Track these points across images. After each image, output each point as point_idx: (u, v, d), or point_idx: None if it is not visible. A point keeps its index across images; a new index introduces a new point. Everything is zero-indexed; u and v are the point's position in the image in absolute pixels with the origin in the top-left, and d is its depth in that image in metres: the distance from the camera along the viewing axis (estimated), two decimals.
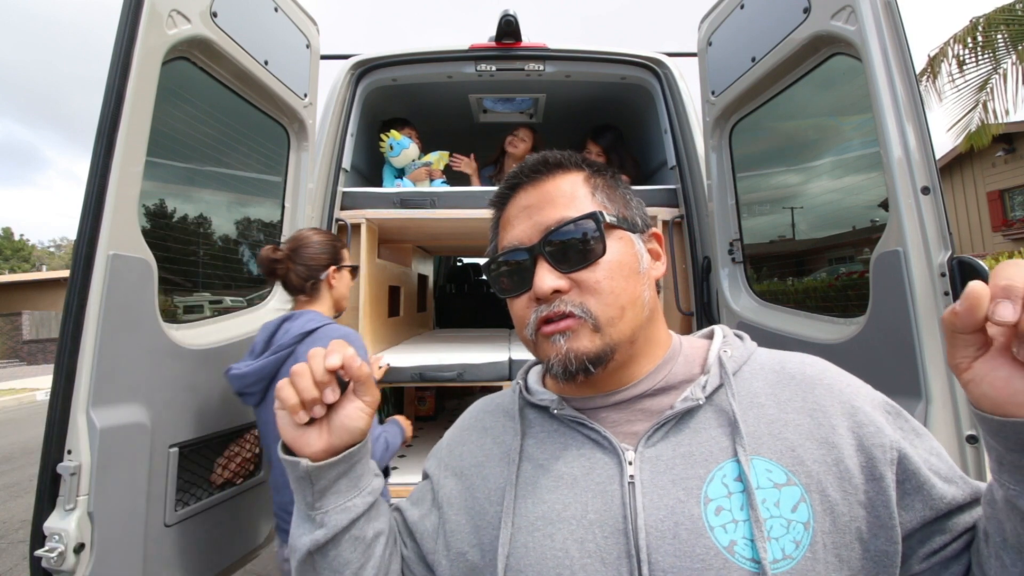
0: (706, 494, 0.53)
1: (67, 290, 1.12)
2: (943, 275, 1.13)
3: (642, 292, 0.61)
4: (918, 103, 1.20)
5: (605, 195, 0.63)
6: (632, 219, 0.64)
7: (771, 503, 0.51)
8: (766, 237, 1.91)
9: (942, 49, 7.49)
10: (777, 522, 0.50)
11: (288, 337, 1.37)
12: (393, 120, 2.89)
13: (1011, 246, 12.59)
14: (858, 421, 0.54)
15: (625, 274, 0.60)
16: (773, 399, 0.57)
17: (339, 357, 0.53)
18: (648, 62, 2.45)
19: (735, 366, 0.61)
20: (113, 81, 1.15)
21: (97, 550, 1.10)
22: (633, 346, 0.60)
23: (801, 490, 0.52)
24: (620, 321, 0.58)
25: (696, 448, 0.56)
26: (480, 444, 0.68)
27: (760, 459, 0.53)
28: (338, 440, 0.56)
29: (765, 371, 0.60)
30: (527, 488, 0.60)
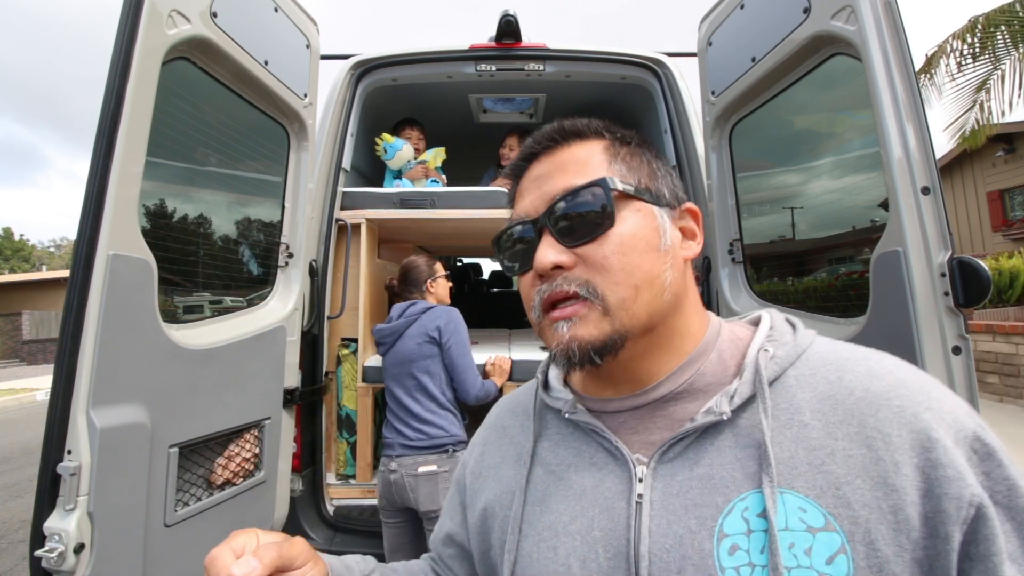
0: (722, 528, 0.45)
1: (67, 290, 1.12)
2: (943, 275, 1.13)
3: (662, 271, 0.51)
4: (918, 103, 1.20)
5: (625, 164, 0.55)
6: (657, 190, 0.55)
7: (800, 550, 0.42)
8: (766, 237, 1.91)
9: (941, 47, 7.49)
10: (805, 574, 0.41)
11: (416, 310, 2.03)
12: (402, 121, 2.91)
13: (1011, 246, 12.59)
14: (932, 460, 0.42)
15: (641, 249, 0.51)
16: (820, 419, 0.46)
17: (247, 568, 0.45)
18: (648, 62, 2.45)
19: (776, 370, 0.49)
20: (113, 81, 1.15)
21: (97, 550, 1.10)
22: (650, 336, 0.52)
23: (842, 538, 0.41)
24: (633, 303, 0.50)
25: (717, 470, 0.47)
26: (499, 446, 0.65)
27: (793, 494, 0.43)
28: None
29: (816, 379, 0.48)
30: (536, 494, 0.57)
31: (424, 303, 2.08)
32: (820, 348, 0.51)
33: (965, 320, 1.13)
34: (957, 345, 1.12)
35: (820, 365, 0.49)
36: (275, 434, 1.75)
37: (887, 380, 0.46)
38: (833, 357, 0.49)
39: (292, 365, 1.87)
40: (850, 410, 0.45)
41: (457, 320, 2.03)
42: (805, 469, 0.44)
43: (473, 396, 1.98)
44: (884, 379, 0.46)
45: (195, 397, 1.42)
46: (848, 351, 0.50)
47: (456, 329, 2.00)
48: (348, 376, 2.24)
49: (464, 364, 1.98)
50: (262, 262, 1.91)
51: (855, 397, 0.46)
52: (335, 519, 2.06)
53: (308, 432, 2.09)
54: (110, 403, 1.14)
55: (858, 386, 0.46)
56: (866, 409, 0.45)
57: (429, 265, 2.18)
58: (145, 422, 1.23)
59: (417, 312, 2.03)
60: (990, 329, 5.79)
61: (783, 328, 0.54)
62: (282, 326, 1.82)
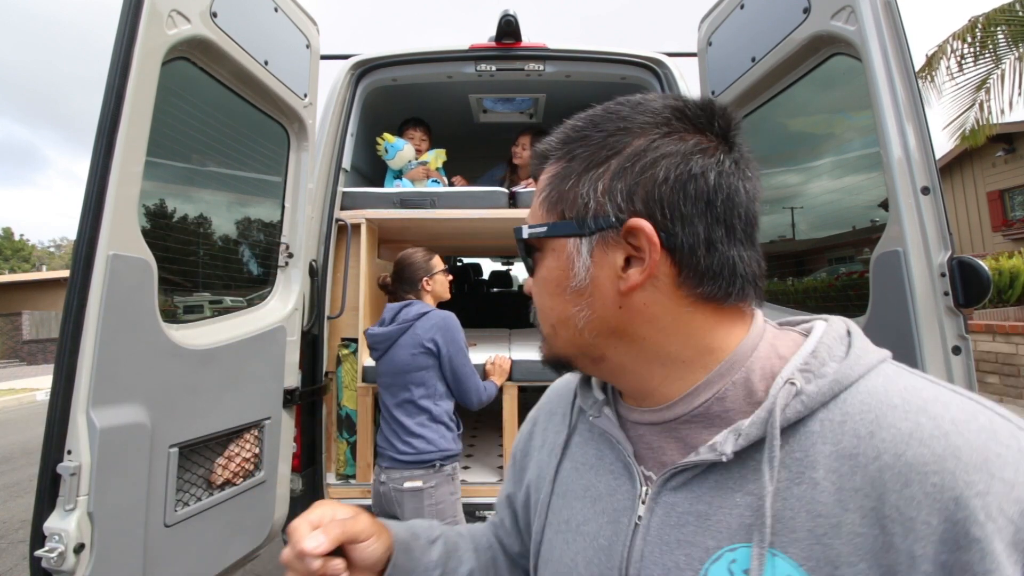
0: (707, 572, 0.42)
1: (67, 290, 1.12)
2: (943, 275, 1.13)
3: (572, 313, 0.49)
4: (918, 103, 1.20)
5: (560, 191, 0.50)
6: (580, 215, 0.48)
7: None
8: (766, 237, 1.91)
9: (941, 47, 7.49)
10: None
11: (410, 315, 1.92)
12: (407, 120, 2.92)
13: (1011, 246, 12.58)
14: (963, 563, 0.33)
15: (550, 292, 0.51)
16: (835, 481, 0.38)
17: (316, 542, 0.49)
18: (648, 62, 2.45)
19: (801, 410, 0.41)
20: (113, 81, 1.15)
21: (97, 550, 1.10)
22: (602, 364, 0.51)
23: None
24: (555, 339, 0.52)
25: (716, 511, 0.43)
26: (544, 428, 0.66)
27: (786, 559, 0.39)
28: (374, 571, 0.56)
29: (844, 430, 0.39)
30: (563, 487, 0.58)
31: (419, 306, 1.97)
32: (869, 385, 0.41)
33: (965, 320, 1.13)
34: (957, 345, 1.12)
35: (857, 411, 0.40)
36: (275, 434, 1.75)
37: (933, 446, 0.36)
38: (877, 402, 0.40)
39: (292, 365, 1.87)
40: (872, 478, 0.37)
41: (455, 328, 1.94)
42: (804, 535, 0.39)
43: (476, 403, 1.95)
44: (930, 444, 0.36)
45: (195, 397, 1.42)
46: (904, 395, 0.40)
47: (454, 338, 1.92)
48: (348, 376, 2.24)
49: (465, 373, 1.92)
50: (262, 262, 1.91)
51: (881, 463, 0.37)
52: None
53: (308, 432, 2.09)
54: (110, 403, 1.14)
55: (889, 449, 0.37)
56: (891, 481, 0.36)
57: (426, 260, 2.06)
58: (145, 422, 1.23)
59: (411, 318, 1.92)
60: (990, 329, 5.79)
61: (832, 350, 0.44)
62: (282, 326, 1.82)
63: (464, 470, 2.40)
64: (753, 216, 0.48)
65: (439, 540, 0.65)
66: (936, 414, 0.37)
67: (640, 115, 0.48)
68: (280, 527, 1.82)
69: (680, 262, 0.46)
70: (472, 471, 2.38)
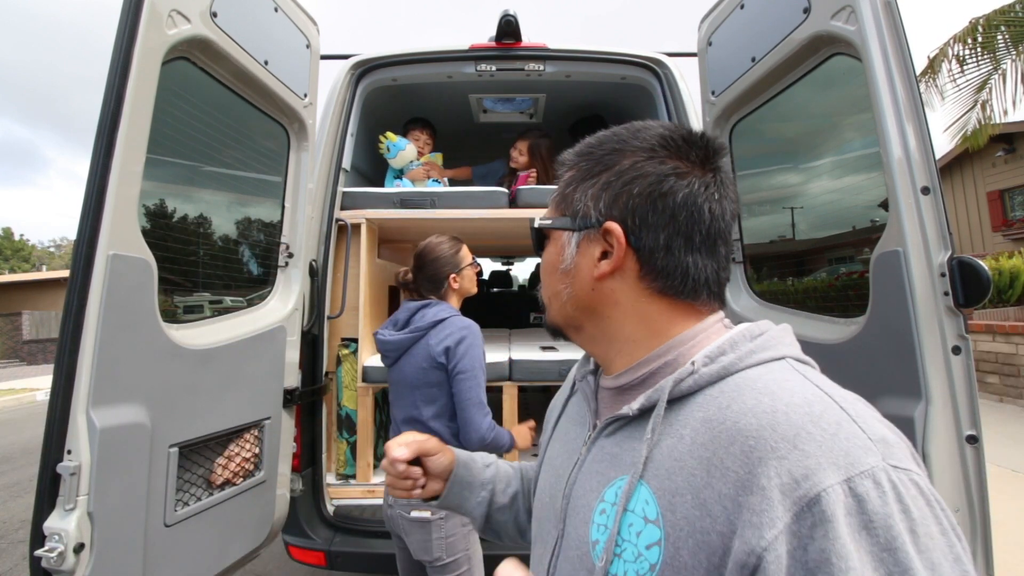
0: (603, 495, 0.57)
1: (67, 290, 1.12)
2: (943, 275, 1.13)
3: (561, 289, 0.64)
4: (918, 103, 1.20)
5: (565, 193, 0.64)
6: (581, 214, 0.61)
7: (634, 531, 0.52)
8: (766, 237, 1.91)
9: (942, 49, 7.49)
10: (630, 547, 0.51)
11: (424, 322, 1.67)
12: (412, 120, 2.92)
13: (1011, 246, 12.58)
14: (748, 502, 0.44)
15: (548, 271, 0.67)
16: (693, 437, 0.51)
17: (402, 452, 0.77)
18: (648, 62, 2.45)
19: (693, 386, 0.54)
20: (113, 81, 1.15)
21: (97, 550, 1.10)
22: (580, 333, 0.65)
23: (661, 534, 0.49)
24: (550, 309, 0.67)
25: (622, 452, 0.58)
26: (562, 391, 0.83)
27: (646, 488, 0.52)
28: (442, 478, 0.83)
29: (714, 404, 0.52)
30: (557, 435, 0.75)
31: (438, 309, 1.69)
32: (750, 373, 0.53)
33: (965, 320, 1.13)
34: (957, 345, 1.12)
35: (730, 390, 0.52)
36: (275, 434, 1.75)
37: (762, 420, 0.47)
38: (743, 386, 0.51)
39: (292, 365, 1.87)
40: (714, 437, 0.49)
41: (471, 341, 1.64)
42: (662, 473, 0.51)
43: (477, 439, 1.58)
44: (760, 418, 0.47)
45: (195, 397, 1.42)
46: (764, 381, 0.51)
47: (467, 352, 1.61)
48: (348, 376, 2.24)
49: (470, 398, 1.58)
50: (262, 262, 1.91)
51: (724, 427, 0.49)
52: (335, 519, 2.05)
53: (308, 432, 2.09)
54: (110, 403, 1.14)
55: (731, 418, 0.49)
56: (724, 440, 0.48)
57: (454, 253, 1.76)
58: (145, 422, 1.23)
59: (426, 325, 1.65)
60: (990, 329, 5.79)
61: (734, 345, 0.55)
62: (282, 326, 1.82)
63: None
64: (717, 231, 0.59)
65: (492, 465, 0.89)
66: (778, 397, 0.48)
67: (634, 140, 0.61)
68: (280, 527, 1.82)
69: (642, 260, 0.58)
70: None
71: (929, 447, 1.11)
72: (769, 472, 0.44)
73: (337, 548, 1.94)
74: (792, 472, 0.43)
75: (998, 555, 1.14)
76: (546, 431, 0.79)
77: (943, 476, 1.10)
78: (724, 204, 0.59)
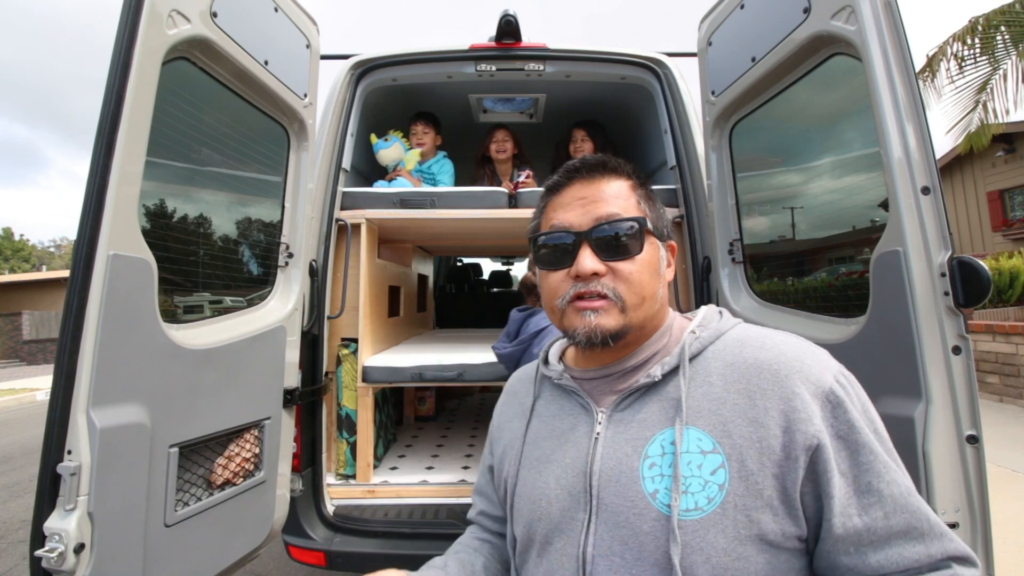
0: (646, 452, 0.66)
1: (67, 290, 1.11)
2: (943, 275, 1.13)
3: (658, 289, 0.74)
4: (918, 103, 1.20)
5: (647, 204, 0.76)
6: (661, 228, 0.77)
7: (695, 465, 0.62)
8: (766, 237, 1.91)
9: (941, 48, 7.48)
10: (695, 480, 0.61)
11: (527, 333, 1.76)
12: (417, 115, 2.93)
13: (1011, 246, 12.58)
14: (793, 406, 0.61)
15: (651, 272, 0.73)
16: (722, 379, 0.66)
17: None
18: (648, 62, 2.45)
19: (699, 347, 0.70)
20: (113, 81, 1.15)
21: (97, 550, 1.10)
22: (643, 330, 0.74)
23: (723, 458, 0.61)
24: (640, 308, 0.72)
25: (650, 415, 0.68)
26: (510, 405, 0.89)
27: (695, 429, 0.64)
28: None
29: (726, 352, 0.68)
30: (532, 436, 0.79)
31: (539, 318, 1.70)
32: (735, 331, 0.71)
33: (965, 320, 1.13)
34: (957, 345, 1.12)
35: (731, 342, 0.69)
36: (275, 434, 1.75)
37: (772, 351, 0.66)
38: (742, 336, 0.70)
39: (292, 365, 1.87)
40: (743, 373, 0.65)
41: None
42: (706, 413, 0.64)
43: None
44: (771, 350, 0.66)
45: (195, 397, 1.42)
46: (754, 332, 0.70)
47: None
48: (348, 376, 2.24)
49: None
50: (262, 262, 1.91)
51: (747, 364, 0.65)
52: (335, 519, 2.05)
53: (308, 432, 2.09)
54: (110, 403, 1.14)
55: (751, 356, 0.66)
56: (752, 372, 0.65)
57: None
58: (145, 422, 1.23)
59: (528, 337, 1.68)
60: (990, 329, 5.79)
61: (711, 317, 0.75)
62: (282, 326, 1.82)
63: (463, 470, 2.40)
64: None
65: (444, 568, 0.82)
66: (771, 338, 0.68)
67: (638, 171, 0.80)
68: (280, 527, 1.82)
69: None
70: (472, 471, 2.38)
71: (929, 447, 1.10)
72: (797, 381, 0.62)
73: (337, 548, 1.94)
74: (809, 378, 0.62)
75: (998, 555, 1.14)
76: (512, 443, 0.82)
77: (943, 476, 1.10)
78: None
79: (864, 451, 0.60)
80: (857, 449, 0.60)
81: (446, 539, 1.98)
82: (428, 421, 3.36)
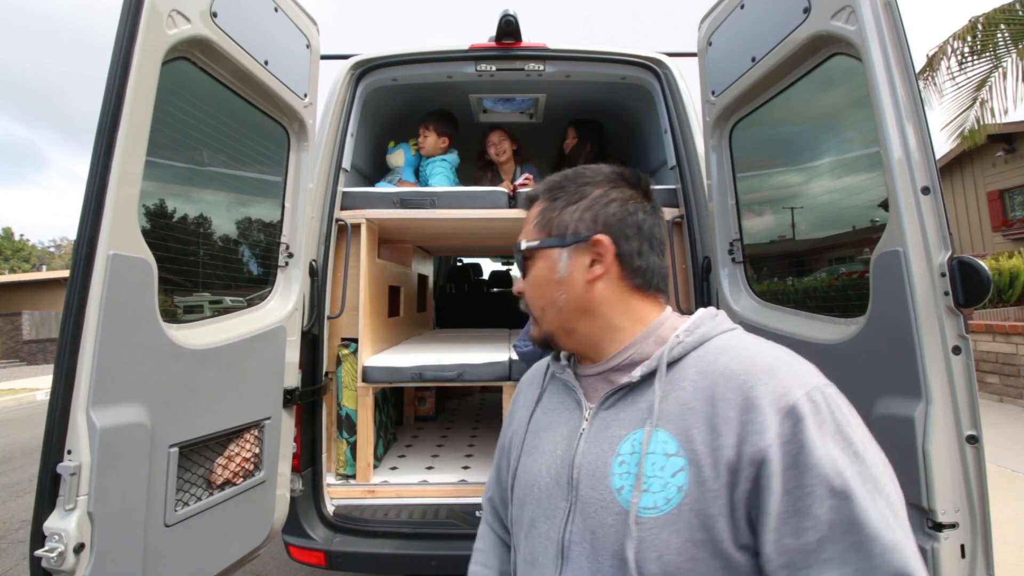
0: (619, 450, 0.70)
1: (67, 290, 1.11)
2: (943, 275, 1.13)
3: (557, 297, 0.78)
4: (918, 103, 1.20)
5: (548, 219, 0.80)
6: (561, 234, 0.78)
7: (658, 466, 0.65)
8: (766, 237, 1.91)
9: (941, 47, 7.48)
10: (657, 481, 0.65)
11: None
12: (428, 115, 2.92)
13: (1011, 246, 12.58)
14: (749, 417, 0.62)
15: (540, 285, 0.80)
16: (693, 386, 0.68)
17: None
18: (648, 62, 2.45)
19: (681, 352, 0.71)
20: (113, 81, 1.15)
21: (97, 550, 1.10)
22: (573, 335, 0.79)
23: (685, 462, 0.64)
24: (544, 319, 0.80)
25: (627, 415, 0.71)
26: (523, 394, 0.95)
27: (663, 431, 0.67)
28: None
29: (704, 358, 0.70)
30: (535, 426, 0.85)
31: None
32: (722, 338, 0.72)
33: (965, 320, 1.13)
34: (957, 345, 1.12)
35: (710, 350, 0.70)
36: (275, 434, 1.75)
37: (745, 362, 0.66)
38: (724, 344, 0.71)
39: (292, 365, 1.87)
40: (713, 381, 0.66)
41: None
42: (674, 417, 0.67)
43: None
44: (743, 360, 0.66)
45: (195, 397, 1.42)
46: (735, 341, 0.71)
47: None
48: (348, 376, 2.24)
49: None
50: (262, 262, 1.91)
51: (718, 372, 0.67)
52: (335, 519, 2.05)
53: (308, 432, 2.09)
54: (110, 403, 1.14)
55: (723, 364, 0.67)
56: (720, 380, 0.66)
57: None
58: (145, 422, 1.23)
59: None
60: (990, 329, 5.79)
61: (702, 321, 0.75)
62: (282, 326, 1.82)
63: (463, 470, 2.40)
64: (660, 240, 0.81)
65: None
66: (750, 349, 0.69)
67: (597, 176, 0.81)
68: (280, 527, 1.82)
69: (623, 263, 0.77)
70: (472, 471, 2.38)
71: (929, 447, 1.10)
72: (760, 394, 0.62)
73: (337, 548, 1.94)
74: (774, 390, 0.62)
75: (998, 555, 1.14)
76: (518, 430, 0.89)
77: (943, 476, 1.10)
78: (660, 223, 0.82)
79: (811, 473, 0.58)
80: (805, 470, 0.58)
81: (446, 539, 2.00)
82: (428, 421, 3.36)
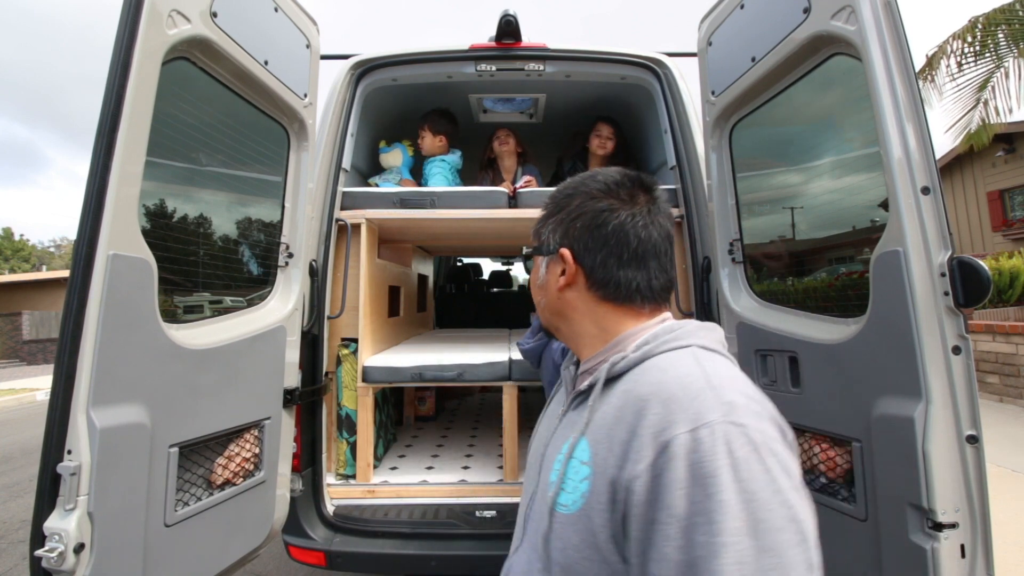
0: (561, 449, 0.75)
1: (67, 290, 1.11)
2: (943, 275, 1.13)
3: (539, 299, 0.88)
4: (918, 103, 1.20)
5: (537, 229, 0.88)
6: (545, 244, 0.85)
7: (575, 470, 0.71)
8: (766, 237, 1.91)
9: (941, 47, 7.48)
10: (571, 483, 0.70)
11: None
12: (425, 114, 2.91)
13: (1011, 246, 12.58)
14: (632, 445, 0.63)
15: (533, 286, 0.91)
16: (616, 403, 0.70)
17: None
18: (648, 62, 2.45)
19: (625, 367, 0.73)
20: (113, 81, 1.15)
21: (97, 550, 1.10)
22: (559, 333, 0.88)
23: (590, 470, 0.68)
24: (540, 314, 0.90)
25: (576, 419, 0.77)
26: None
27: (586, 441, 0.71)
28: None
29: (633, 378, 0.71)
30: (545, 413, 0.95)
31: None
32: (659, 358, 0.72)
33: (965, 320, 1.13)
34: (957, 345, 1.12)
35: (645, 368, 0.71)
36: (275, 434, 1.75)
37: (653, 387, 0.66)
38: (651, 366, 0.71)
39: (292, 365, 1.87)
40: (625, 401, 0.69)
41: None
42: (595, 429, 0.70)
43: None
44: (650, 387, 0.67)
45: (195, 397, 1.42)
46: (665, 361, 0.70)
47: None
48: (348, 376, 2.24)
49: None
50: (262, 262, 1.91)
51: (631, 393, 0.69)
52: (335, 519, 2.06)
53: (308, 432, 2.09)
54: (110, 403, 1.14)
55: (637, 388, 0.68)
56: (629, 401, 0.68)
57: None
58: (145, 422, 1.23)
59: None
60: (990, 329, 5.79)
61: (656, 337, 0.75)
62: (282, 326, 1.82)
63: (463, 470, 2.40)
64: (645, 250, 0.78)
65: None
66: (667, 372, 0.68)
67: (582, 186, 0.83)
68: (280, 527, 1.82)
69: (587, 275, 0.80)
70: (472, 471, 2.38)
71: (929, 447, 1.10)
72: (647, 423, 0.63)
73: (337, 548, 1.94)
74: (659, 424, 0.62)
75: (998, 555, 1.14)
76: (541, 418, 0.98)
77: (943, 476, 1.10)
78: (650, 228, 0.79)
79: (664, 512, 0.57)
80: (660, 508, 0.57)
81: (446, 539, 2.00)
82: (428, 421, 3.36)
